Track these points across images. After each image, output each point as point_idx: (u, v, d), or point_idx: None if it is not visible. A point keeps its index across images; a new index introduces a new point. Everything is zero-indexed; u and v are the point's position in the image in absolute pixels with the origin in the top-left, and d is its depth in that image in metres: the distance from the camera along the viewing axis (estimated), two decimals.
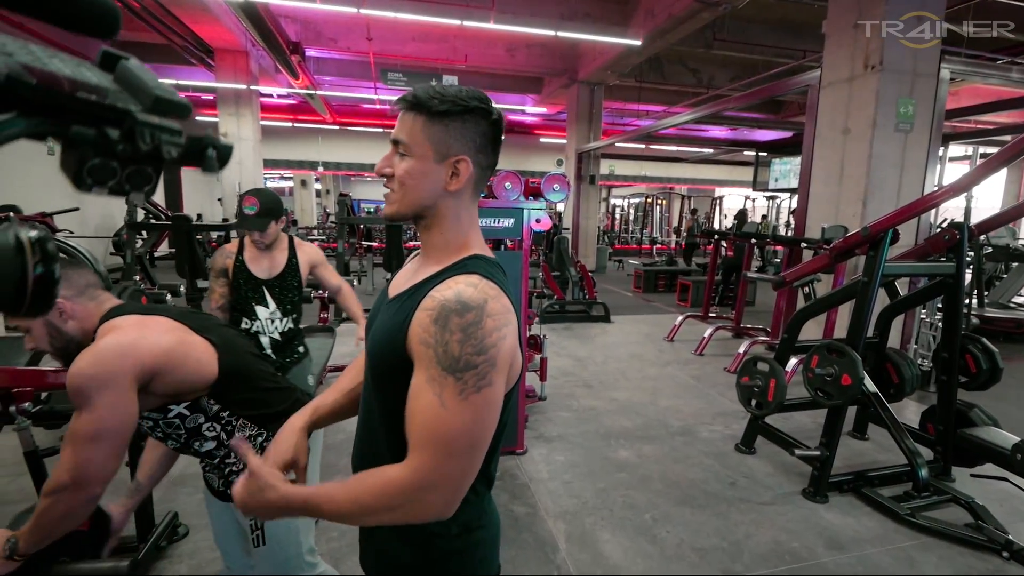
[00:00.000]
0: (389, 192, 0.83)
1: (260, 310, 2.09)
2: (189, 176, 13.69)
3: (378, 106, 13.21)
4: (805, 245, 4.19)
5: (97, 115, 0.35)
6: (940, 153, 5.90)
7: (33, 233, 0.39)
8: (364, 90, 11.98)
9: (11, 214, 6.67)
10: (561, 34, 6.49)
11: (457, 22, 5.92)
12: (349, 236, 6.80)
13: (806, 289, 3.60)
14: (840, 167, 4.59)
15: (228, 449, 1.26)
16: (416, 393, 0.73)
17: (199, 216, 10.46)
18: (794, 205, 14.89)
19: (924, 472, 2.50)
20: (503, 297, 0.77)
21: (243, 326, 2.10)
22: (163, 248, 9.87)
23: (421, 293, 0.78)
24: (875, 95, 4.21)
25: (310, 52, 9.41)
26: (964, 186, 2.42)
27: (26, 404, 1.80)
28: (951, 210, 10.92)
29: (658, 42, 8.00)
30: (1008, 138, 10.27)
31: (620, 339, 6.05)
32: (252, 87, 9.48)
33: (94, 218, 9.04)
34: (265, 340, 2.13)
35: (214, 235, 8.34)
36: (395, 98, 0.87)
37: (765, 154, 10.94)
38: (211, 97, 11.02)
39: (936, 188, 3.97)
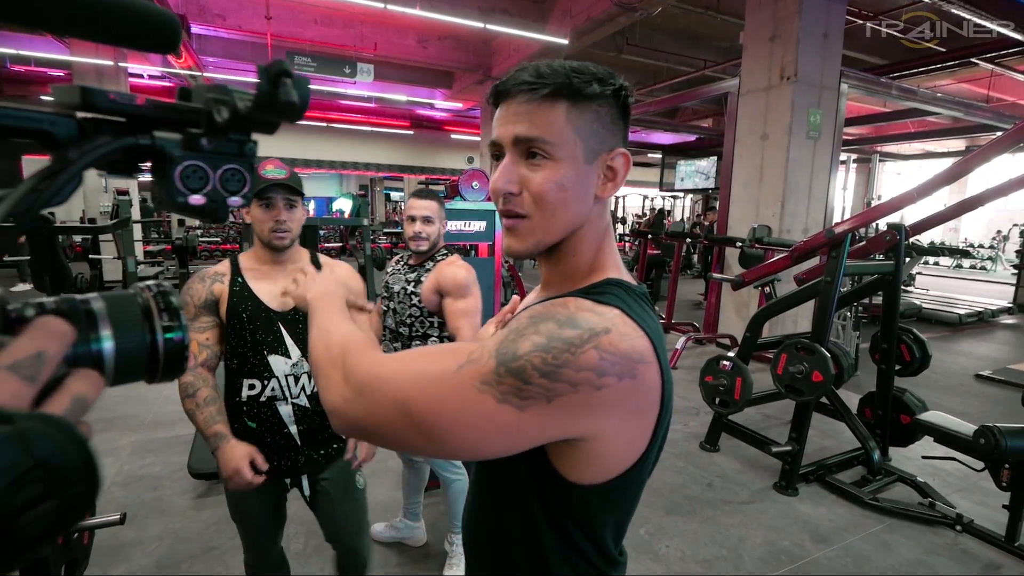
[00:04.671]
0: (518, 220, 0.60)
1: (276, 362, 1.34)
2: (34, 167, 11.36)
3: None
4: (740, 244, 4.44)
5: (175, 119, 0.36)
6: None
7: (160, 295, 0.37)
8: (254, 75, 10.76)
9: None
10: (490, 27, 6.28)
11: (380, 5, 5.46)
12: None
13: (767, 289, 3.81)
14: (759, 170, 4.94)
15: None
16: (461, 339, 0.61)
17: (52, 215, 8.68)
18: (692, 204, 16.14)
19: (877, 456, 2.70)
20: (644, 344, 0.54)
21: (248, 392, 1.34)
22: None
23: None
24: (791, 104, 4.57)
25: (193, 29, 8.22)
26: (928, 190, 2.64)
27: None
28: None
29: (577, 43, 8.12)
30: (861, 147, 11.96)
31: None
32: (120, 63, 8.05)
33: None
34: (286, 410, 1.36)
35: (78, 239, 6.94)
36: (500, 84, 0.61)
37: (665, 156, 11.67)
38: (62, 73, 9.22)
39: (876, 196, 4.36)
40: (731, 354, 3.09)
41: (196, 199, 0.36)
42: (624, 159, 0.62)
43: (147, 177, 0.38)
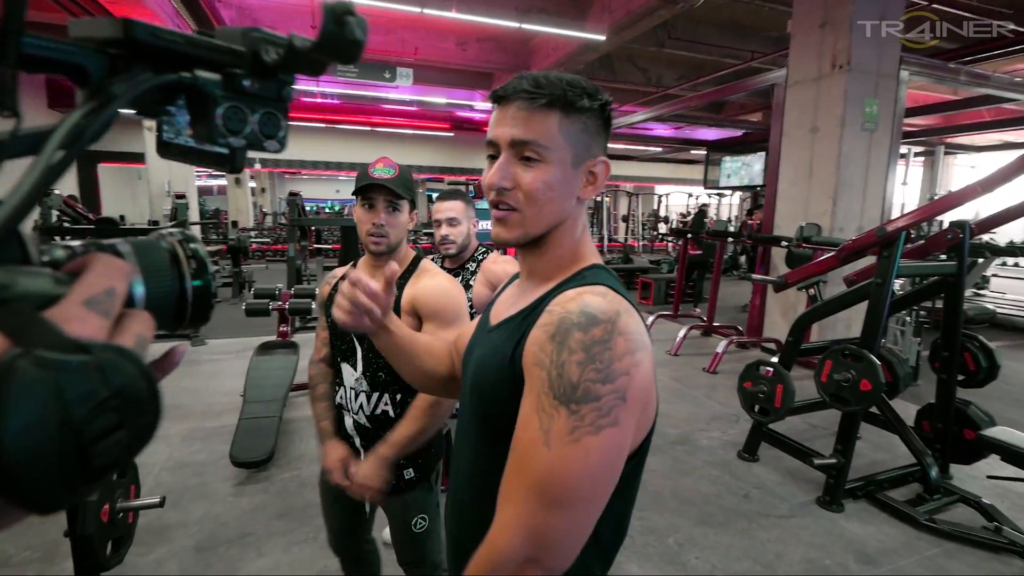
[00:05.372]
0: (508, 212, 0.68)
1: (346, 370, 1.32)
2: (107, 174, 12.32)
3: (319, 100, 12.45)
4: (786, 244, 4.22)
5: (215, 59, 0.35)
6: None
7: (185, 241, 0.37)
8: (304, 82, 11.21)
9: None
10: (526, 26, 6.27)
11: (417, 9, 5.55)
12: (300, 239, 6.27)
13: (811, 291, 3.60)
14: (809, 165, 4.67)
15: None
16: (520, 426, 0.59)
17: (122, 218, 9.36)
18: (738, 202, 15.53)
19: (935, 473, 2.49)
20: (636, 316, 0.63)
21: (337, 399, 1.37)
22: None
23: (536, 312, 0.65)
24: (843, 94, 4.30)
25: None
26: (995, 183, 2.40)
27: None
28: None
29: (615, 39, 7.97)
30: (928, 139, 11.13)
31: None
32: None
33: None
34: (349, 422, 1.35)
35: None
36: (501, 90, 0.67)
37: (710, 153, 11.26)
38: None
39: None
40: (774, 359, 2.93)
41: (236, 141, 0.35)
42: (604, 166, 0.70)
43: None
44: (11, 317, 0.24)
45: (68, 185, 10.50)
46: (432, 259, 1.95)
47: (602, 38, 6.87)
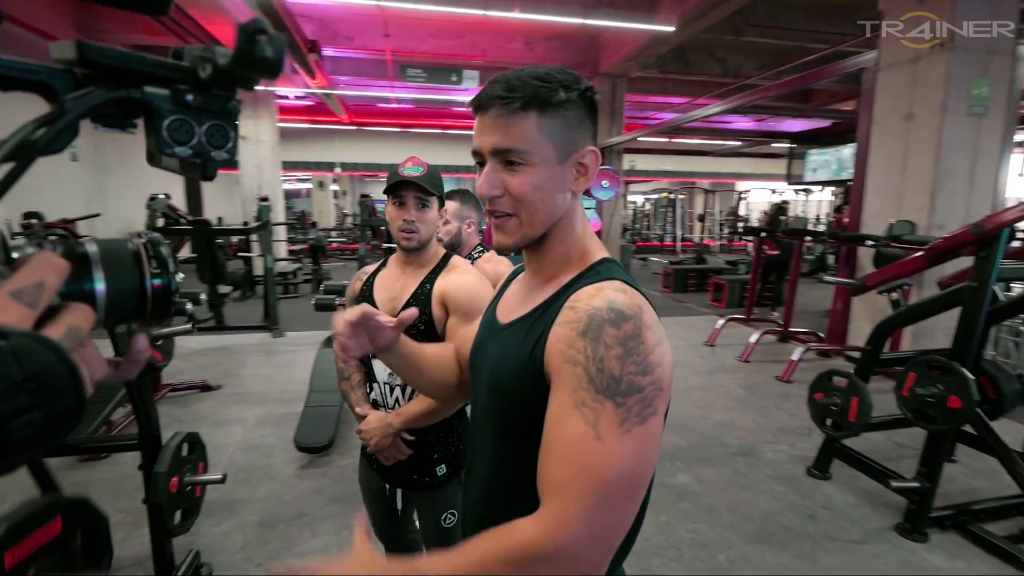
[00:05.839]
0: (505, 218, 0.68)
1: (378, 367, 1.35)
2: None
3: (394, 105, 13.04)
4: (872, 243, 3.82)
5: (164, 76, 0.37)
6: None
7: (149, 244, 0.39)
8: (380, 89, 11.78)
9: (35, 221, 6.59)
10: (589, 22, 6.16)
11: (480, 12, 5.65)
12: (372, 238, 6.61)
13: (894, 295, 3.25)
14: (903, 156, 4.21)
15: None
16: (558, 422, 0.59)
17: (220, 220, 10.37)
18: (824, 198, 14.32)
19: None
20: (653, 309, 0.64)
21: (371, 392, 1.40)
22: (184, 252, 9.81)
23: (553, 309, 0.66)
24: (945, 76, 3.82)
25: (325, 51, 9.24)
26: None
27: None
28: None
29: (687, 29, 7.62)
30: None
31: None
32: (269, 88, 9.34)
33: (117, 223, 9.00)
34: None
35: (235, 239, 8.21)
36: (477, 98, 0.68)
37: (794, 145, 10.46)
38: None
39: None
40: (851, 369, 2.68)
41: (182, 151, 0.38)
42: (593, 156, 0.69)
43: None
44: None
45: (174, 190, 11.80)
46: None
47: (671, 29, 6.61)
